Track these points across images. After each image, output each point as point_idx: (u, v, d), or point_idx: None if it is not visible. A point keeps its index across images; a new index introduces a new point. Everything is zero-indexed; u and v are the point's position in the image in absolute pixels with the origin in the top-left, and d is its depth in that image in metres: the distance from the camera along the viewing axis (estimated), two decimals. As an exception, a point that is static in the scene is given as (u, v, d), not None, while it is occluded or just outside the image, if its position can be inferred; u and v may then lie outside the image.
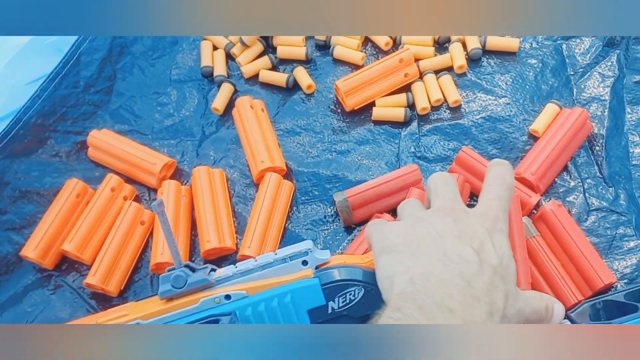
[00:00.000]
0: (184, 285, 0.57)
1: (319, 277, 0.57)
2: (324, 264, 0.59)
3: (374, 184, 0.77)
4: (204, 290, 0.58)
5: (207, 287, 0.58)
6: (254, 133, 0.84)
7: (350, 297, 0.57)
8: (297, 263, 0.58)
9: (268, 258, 0.59)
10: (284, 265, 0.58)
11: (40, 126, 0.85)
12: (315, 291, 0.56)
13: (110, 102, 0.93)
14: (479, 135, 0.84)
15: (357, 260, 0.60)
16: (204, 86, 0.95)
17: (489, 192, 0.56)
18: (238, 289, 0.57)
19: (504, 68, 0.89)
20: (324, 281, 0.57)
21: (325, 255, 0.59)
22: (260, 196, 0.79)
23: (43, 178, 0.85)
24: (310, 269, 0.58)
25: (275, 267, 0.58)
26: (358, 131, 0.87)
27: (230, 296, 0.57)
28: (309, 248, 0.58)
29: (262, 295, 0.57)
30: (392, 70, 0.87)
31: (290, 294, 0.56)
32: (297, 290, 0.56)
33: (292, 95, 0.92)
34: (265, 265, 0.58)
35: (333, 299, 0.57)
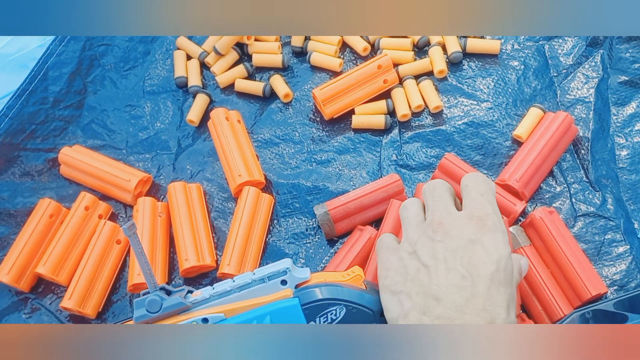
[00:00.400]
0: (160, 310, 0.55)
1: (299, 297, 0.55)
2: (304, 283, 0.57)
3: (355, 196, 0.75)
4: (180, 313, 0.56)
5: (183, 310, 0.56)
6: (231, 146, 0.81)
7: (331, 317, 0.55)
8: (275, 283, 0.56)
9: (246, 278, 0.57)
10: (263, 285, 0.56)
11: (8, 145, 0.83)
12: (295, 311, 0.54)
13: (82, 117, 0.90)
14: (462, 142, 0.82)
15: (338, 278, 0.58)
16: (179, 97, 0.93)
17: (469, 191, 0.57)
18: (215, 311, 0.55)
19: (485, 71, 0.87)
20: (304, 301, 0.55)
21: (305, 274, 0.58)
22: (239, 212, 0.77)
23: (15, 198, 0.82)
24: (290, 288, 0.56)
25: (253, 287, 0.56)
26: (338, 140, 0.85)
27: (207, 319, 0.55)
28: (288, 267, 0.57)
29: (240, 317, 0.55)
30: (371, 77, 0.84)
31: (269, 316, 0.54)
32: (276, 312, 0.54)
33: (269, 105, 0.90)
34: (243, 286, 0.57)
35: (314, 318, 0.55)
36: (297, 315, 0.54)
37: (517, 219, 0.75)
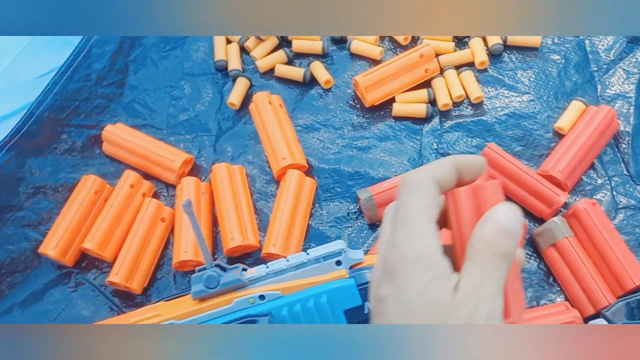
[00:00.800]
0: (217, 286, 0.56)
1: (355, 277, 0.56)
2: (358, 264, 0.58)
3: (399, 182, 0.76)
4: (237, 290, 0.57)
5: (240, 287, 0.57)
6: (274, 129, 0.82)
7: None
8: (330, 263, 0.57)
9: (300, 258, 0.57)
10: (318, 265, 0.57)
11: (53, 121, 0.83)
12: (352, 292, 0.55)
13: (123, 95, 0.91)
14: (503, 132, 0.83)
15: (392, 260, 0.59)
16: (218, 80, 0.93)
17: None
18: (272, 289, 0.56)
19: (526, 64, 0.89)
20: (360, 281, 0.55)
21: (359, 255, 0.58)
22: (283, 194, 0.78)
23: (58, 174, 0.83)
24: (344, 269, 0.57)
25: (308, 267, 0.57)
26: (378, 127, 0.86)
27: (264, 296, 0.55)
28: (343, 248, 0.57)
29: (297, 295, 0.56)
30: (413, 66, 0.85)
31: (327, 295, 0.55)
32: (333, 291, 0.55)
33: (309, 90, 0.91)
34: (298, 265, 0.57)
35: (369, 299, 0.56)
36: (353, 295, 0.55)
37: (558, 210, 0.76)
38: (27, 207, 0.80)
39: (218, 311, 0.56)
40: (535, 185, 0.75)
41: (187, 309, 0.56)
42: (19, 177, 0.79)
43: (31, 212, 0.80)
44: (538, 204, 0.76)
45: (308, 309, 0.55)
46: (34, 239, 0.79)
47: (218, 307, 0.56)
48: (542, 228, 0.74)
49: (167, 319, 0.56)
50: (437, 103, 0.86)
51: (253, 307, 0.55)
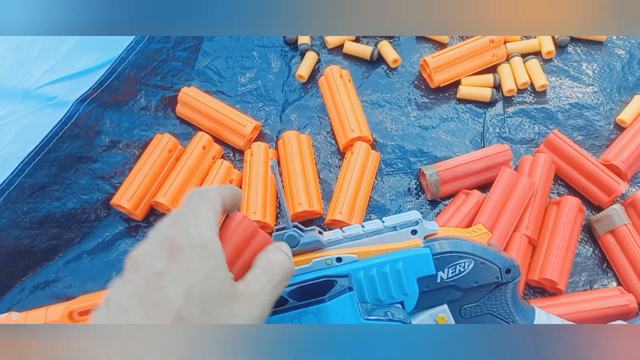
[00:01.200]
0: (297, 245, 0.58)
1: (430, 247, 0.58)
2: (433, 235, 0.60)
3: (464, 161, 0.79)
4: (314, 251, 0.59)
5: (318, 248, 0.59)
6: (344, 102, 0.85)
7: (460, 269, 0.58)
8: (406, 232, 0.59)
9: (377, 225, 0.59)
10: (393, 233, 0.59)
11: (133, 78, 0.86)
12: (426, 260, 0.57)
13: (197, 61, 0.94)
14: (565, 121, 0.85)
15: (466, 233, 0.61)
16: (287, 53, 0.96)
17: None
18: (348, 252, 0.58)
19: (590, 56, 0.90)
20: (435, 251, 0.57)
21: (434, 227, 0.60)
22: (350, 164, 0.80)
23: (132, 130, 0.86)
24: (419, 238, 0.59)
25: (384, 234, 0.59)
26: (442, 108, 0.89)
27: (341, 259, 0.57)
28: (420, 218, 0.59)
29: (373, 260, 0.57)
30: (482, 50, 0.88)
31: (402, 261, 0.57)
32: (408, 258, 0.57)
33: (375, 68, 0.93)
34: (374, 231, 0.59)
35: (443, 269, 0.57)
36: (428, 264, 0.57)
37: (617, 199, 0.78)
38: (102, 159, 0.83)
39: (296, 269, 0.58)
40: (597, 172, 0.77)
41: None
42: (97, 130, 0.83)
43: (105, 165, 0.83)
44: (597, 191, 0.78)
45: (383, 273, 0.57)
46: (105, 191, 0.82)
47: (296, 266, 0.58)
48: (601, 215, 0.76)
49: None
50: (502, 88, 0.88)
51: (330, 268, 0.57)
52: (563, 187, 0.81)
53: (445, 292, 0.58)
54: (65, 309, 0.65)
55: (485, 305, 0.58)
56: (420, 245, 0.58)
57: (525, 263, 0.74)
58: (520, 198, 0.74)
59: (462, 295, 0.58)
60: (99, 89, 0.82)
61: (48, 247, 0.79)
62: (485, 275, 0.57)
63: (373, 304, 0.56)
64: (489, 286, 0.58)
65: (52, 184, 0.78)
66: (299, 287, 0.55)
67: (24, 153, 0.75)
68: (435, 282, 0.58)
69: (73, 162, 0.80)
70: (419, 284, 0.57)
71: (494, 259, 0.58)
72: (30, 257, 0.78)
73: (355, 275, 0.57)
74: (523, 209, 0.75)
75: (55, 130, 0.77)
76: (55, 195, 0.79)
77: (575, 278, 0.75)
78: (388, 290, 0.56)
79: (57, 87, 0.78)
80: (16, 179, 0.75)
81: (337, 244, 0.59)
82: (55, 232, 0.79)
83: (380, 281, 0.57)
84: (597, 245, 0.77)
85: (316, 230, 0.60)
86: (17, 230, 0.76)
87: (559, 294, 0.73)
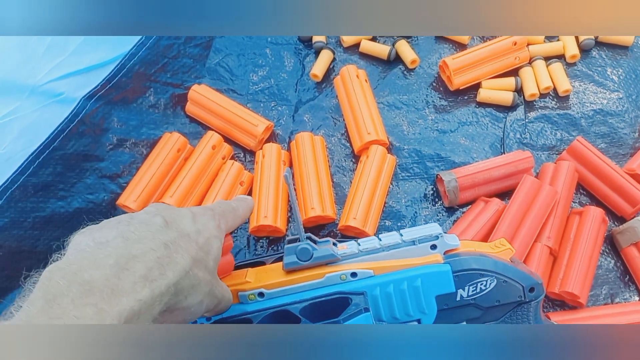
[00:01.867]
0: (310, 259, 0.55)
1: (450, 263, 0.55)
2: (453, 250, 0.57)
3: (485, 167, 0.76)
4: (328, 265, 0.56)
5: (332, 262, 0.56)
6: (360, 103, 0.82)
7: (481, 287, 0.55)
8: (425, 246, 0.56)
9: (394, 238, 0.56)
10: (412, 247, 0.56)
11: (142, 75, 0.83)
12: (446, 278, 0.54)
13: (208, 58, 0.91)
14: (588, 128, 0.82)
15: (488, 249, 0.58)
16: (300, 51, 0.93)
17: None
18: (364, 267, 0.55)
19: (615, 61, 0.87)
20: (456, 268, 0.55)
21: (455, 241, 0.57)
22: (366, 168, 0.77)
23: (140, 128, 0.83)
24: (439, 254, 0.56)
25: (402, 248, 0.56)
26: (461, 111, 0.86)
27: (356, 274, 0.55)
28: (440, 233, 0.56)
29: (390, 276, 0.55)
30: (504, 53, 0.85)
31: (421, 278, 0.54)
32: (427, 275, 0.54)
33: (392, 69, 0.90)
34: (392, 245, 0.56)
35: (463, 287, 0.55)
36: (448, 281, 0.54)
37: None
38: (108, 158, 0.80)
39: (309, 284, 0.55)
40: (621, 182, 0.74)
41: (277, 279, 0.55)
42: (104, 128, 0.80)
43: (111, 164, 0.80)
44: (621, 201, 0.75)
45: (401, 290, 0.54)
46: (111, 191, 0.80)
47: (309, 281, 0.55)
48: (624, 226, 0.73)
49: (257, 287, 0.56)
50: (523, 92, 0.85)
51: (344, 283, 0.55)
52: (585, 196, 0.78)
53: (465, 310, 0.56)
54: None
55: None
56: (440, 261, 0.56)
57: (546, 274, 0.71)
58: (542, 207, 0.71)
59: (482, 314, 0.56)
60: (107, 85, 0.79)
61: (52, 248, 0.76)
62: (507, 293, 0.55)
63: (389, 322, 0.54)
64: (511, 305, 0.56)
65: (56, 182, 0.76)
66: (312, 303, 0.53)
67: (29, 151, 0.73)
68: (455, 300, 0.56)
69: (79, 161, 0.77)
70: (438, 302, 0.55)
71: (518, 277, 0.56)
72: (32, 259, 0.75)
73: (371, 292, 0.55)
74: (545, 219, 0.72)
75: (61, 128, 0.74)
76: (60, 194, 0.76)
77: (596, 291, 0.73)
78: (405, 307, 0.54)
79: (64, 83, 0.76)
80: (20, 177, 0.72)
81: (352, 257, 0.57)
82: (59, 232, 0.76)
83: (397, 298, 0.55)
84: (620, 258, 0.75)
85: (330, 243, 0.57)
86: (19, 230, 0.73)
87: (579, 307, 0.70)
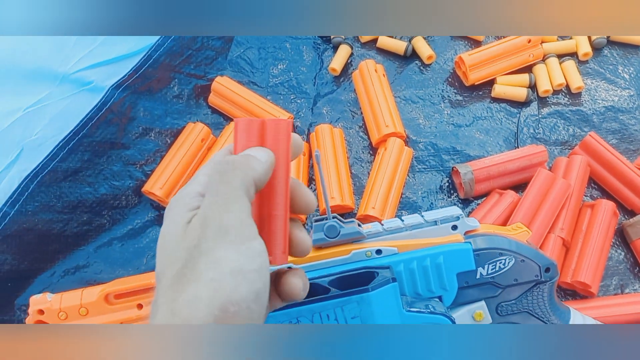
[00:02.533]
0: (337, 236, 0.57)
1: (471, 242, 0.58)
2: (473, 231, 0.60)
3: (500, 160, 0.78)
4: (354, 242, 0.59)
5: (357, 240, 0.58)
6: (378, 97, 0.84)
7: (500, 266, 0.58)
8: (447, 227, 0.59)
9: (417, 219, 0.59)
10: (434, 227, 0.59)
11: (167, 66, 0.86)
12: (467, 256, 0.57)
13: (230, 51, 0.93)
14: (600, 124, 0.85)
15: (506, 231, 0.61)
16: (319, 45, 0.96)
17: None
18: (388, 245, 0.58)
19: (627, 60, 0.90)
20: (476, 247, 0.57)
21: (475, 223, 0.60)
22: (384, 160, 0.80)
23: (165, 118, 0.86)
24: (459, 234, 0.59)
25: (424, 228, 0.59)
26: (476, 106, 0.88)
27: (381, 251, 0.57)
28: (460, 214, 0.59)
29: (414, 253, 0.57)
30: (518, 50, 0.87)
31: (443, 256, 0.57)
32: (449, 253, 0.57)
33: (409, 64, 0.93)
34: (415, 225, 0.59)
35: (483, 265, 0.57)
36: (468, 259, 0.57)
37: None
38: (134, 146, 0.83)
39: (335, 260, 0.58)
40: (632, 177, 0.77)
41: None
42: (130, 117, 0.82)
43: (137, 152, 0.83)
44: (631, 195, 0.77)
45: (423, 267, 0.57)
46: (137, 178, 0.82)
47: (336, 257, 0.58)
48: (635, 219, 0.75)
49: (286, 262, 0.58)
50: (537, 89, 0.88)
51: (370, 260, 0.57)
52: (596, 190, 0.81)
53: (484, 288, 0.58)
54: (101, 291, 0.65)
55: (522, 304, 0.58)
56: (461, 240, 0.58)
57: (559, 265, 0.73)
58: (556, 200, 0.74)
59: (500, 292, 0.58)
60: (133, 75, 0.81)
61: (79, 232, 0.79)
62: (525, 273, 0.57)
63: (412, 297, 0.56)
64: (528, 284, 0.58)
65: (84, 169, 0.78)
66: (339, 277, 0.55)
67: (59, 137, 0.75)
68: (475, 278, 0.58)
69: (106, 148, 0.80)
70: (458, 279, 0.57)
71: (534, 257, 0.58)
72: (61, 242, 0.77)
73: (395, 268, 0.57)
74: (558, 211, 0.74)
75: (90, 116, 0.77)
76: (88, 180, 0.78)
77: (607, 282, 0.75)
78: (428, 284, 0.56)
79: (94, 72, 0.78)
80: (50, 162, 0.74)
81: (377, 236, 0.59)
82: (86, 217, 0.79)
83: (420, 274, 0.57)
84: (630, 250, 0.77)
85: (355, 222, 0.59)
86: (49, 214, 0.76)
87: (590, 297, 0.73)
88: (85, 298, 0.65)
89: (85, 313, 0.66)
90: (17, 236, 0.73)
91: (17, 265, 0.75)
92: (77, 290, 0.67)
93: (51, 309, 0.66)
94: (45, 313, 0.66)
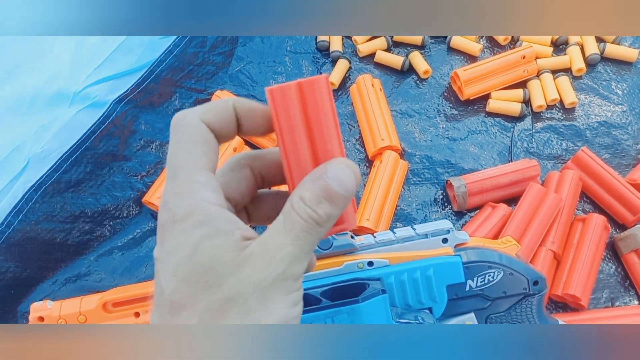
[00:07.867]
0: (330, 247, 0.59)
1: (460, 255, 0.59)
2: (463, 244, 0.61)
3: (493, 174, 0.80)
4: (346, 254, 0.60)
5: (350, 251, 0.60)
6: (375, 111, 0.86)
7: (489, 278, 0.59)
8: (437, 240, 0.60)
9: (408, 232, 0.61)
10: (424, 240, 0.60)
11: (169, 80, 0.88)
12: (457, 268, 0.58)
13: (231, 65, 0.95)
14: (593, 139, 0.86)
15: (495, 244, 0.62)
16: (318, 59, 0.97)
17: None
18: (380, 257, 0.59)
19: (620, 76, 0.91)
20: (466, 260, 0.59)
21: (464, 236, 0.61)
22: (379, 173, 0.81)
23: (166, 131, 0.87)
24: (450, 247, 0.60)
25: (415, 241, 0.60)
26: (471, 120, 0.90)
27: (372, 263, 0.59)
28: (451, 227, 0.60)
29: (405, 265, 0.59)
30: (513, 65, 0.89)
31: (433, 268, 0.58)
32: (439, 265, 0.58)
33: (405, 78, 0.95)
34: (406, 238, 0.60)
35: (472, 277, 0.59)
36: (458, 272, 0.58)
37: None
38: (135, 158, 0.85)
39: (328, 271, 0.59)
40: (623, 191, 0.78)
41: None
42: (132, 130, 0.84)
43: (138, 164, 0.85)
44: (623, 210, 0.79)
45: (414, 279, 0.58)
46: (137, 189, 0.84)
47: (328, 268, 0.59)
48: (626, 233, 0.77)
49: None
50: (531, 104, 0.89)
51: (362, 271, 0.59)
52: (588, 204, 0.82)
53: (473, 300, 0.60)
54: (99, 299, 0.67)
55: (511, 316, 0.59)
56: (451, 253, 0.59)
57: (550, 277, 0.75)
58: (548, 214, 0.75)
59: (490, 305, 0.59)
60: (136, 89, 0.83)
61: (81, 242, 0.81)
62: (513, 285, 0.59)
63: (402, 308, 0.58)
64: (517, 297, 0.59)
65: (87, 180, 0.80)
66: (332, 288, 0.57)
67: (63, 150, 0.77)
68: (464, 290, 0.59)
69: (108, 160, 0.82)
70: (448, 291, 0.58)
71: (523, 270, 0.59)
72: (63, 250, 0.79)
73: (386, 280, 0.58)
74: (549, 225, 0.76)
75: (93, 129, 0.79)
76: (90, 191, 0.81)
77: (597, 295, 0.76)
78: (418, 295, 0.58)
79: (98, 87, 0.80)
80: (53, 174, 0.77)
81: (369, 248, 0.61)
82: (88, 227, 0.81)
83: (410, 286, 0.58)
84: (620, 263, 0.78)
85: (348, 235, 0.61)
86: (52, 223, 0.78)
87: (580, 310, 0.74)
88: (84, 306, 0.67)
89: (83, 320, 0.68)
90: (20, 245, 0.75)
91: (20, 273, 0.77)
92: (76, 298, 0.69)
93: (51, 316, 0.68)
94: (45, 320, 0.68)
